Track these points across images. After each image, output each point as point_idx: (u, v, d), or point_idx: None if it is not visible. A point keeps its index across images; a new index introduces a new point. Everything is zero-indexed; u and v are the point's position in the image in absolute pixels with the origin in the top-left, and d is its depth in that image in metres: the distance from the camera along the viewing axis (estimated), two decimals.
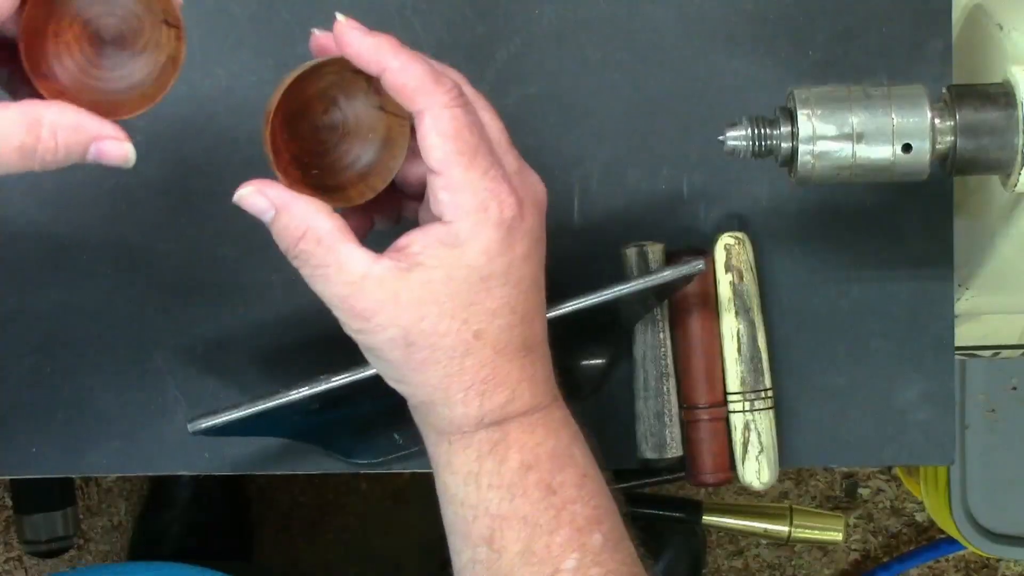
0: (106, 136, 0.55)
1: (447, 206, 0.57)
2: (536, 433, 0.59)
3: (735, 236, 0.72)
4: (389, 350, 0.58)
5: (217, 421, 0.66)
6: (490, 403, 0.58)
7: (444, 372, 0.58)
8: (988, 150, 0.61)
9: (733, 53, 0.73)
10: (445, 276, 0.57)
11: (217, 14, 0.72)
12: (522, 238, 0.58)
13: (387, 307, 0.57)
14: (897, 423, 0.74)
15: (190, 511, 1.46)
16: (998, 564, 1.62)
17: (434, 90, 0.57)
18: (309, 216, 0.57)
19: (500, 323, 0.58)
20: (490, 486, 0.59)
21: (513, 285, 0.58)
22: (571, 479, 0.59)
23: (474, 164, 0.57)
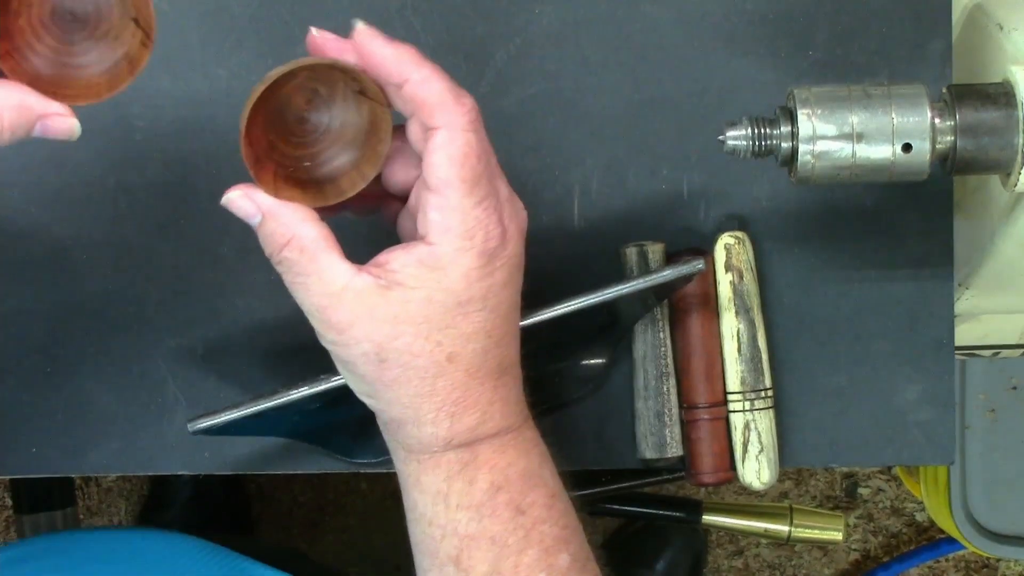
0: (51, 113, 0.55)
1: (435, 226, 0.57)
2: (507, 454, 0.59)
3: (735, 236, 0.72)
4: (361, 364, 0.58)
5: (217, 421, 0.66)
6: (460, 425, 0.59)
7: (415, 392, 0.58)
8: (988, 150, 0.61)
9: (733, 53, 0.73)
10: (424, 297, 0.57)
11: (217, 14, 0.72)
12: (503, 265, 0.58)
13: (363, 321, 0.57)
14: (897, 423, 0.74)
15: (190, 511, 1.46)
16: (998, 564, 1.62)
17: (454, 109, 0.56)
18: (295, 224, 0.57)
19: (475, 347, 0.58)
20: (459, 506, 0.59)
21: (491, 310, 0.58)
22: (540, 499, 0.60)
23: (473, 192, 0.57)
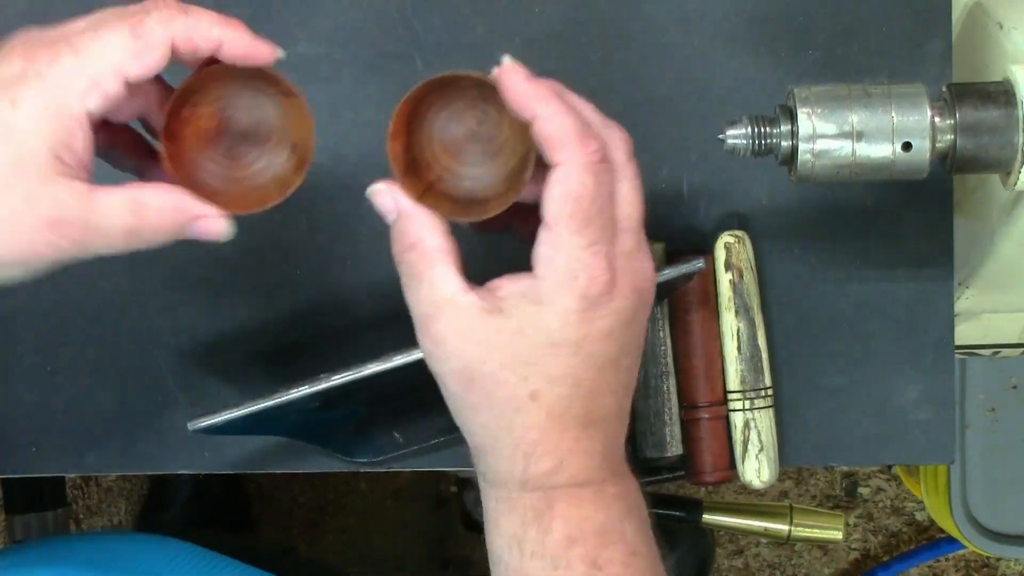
0: (204, 215, 0.57)
1: (542, 260, 0.56)
2: (583, 508, 0.58)
3: (735, 235, 0.72)
4: (451, 381, 0.58)
5: (217, 421, 0.66)
6: (535, 468, 0.57)
7: (495, 423, 0.57)
8: (988, 149, 0.61)
9: (733, 53, 0.73)
10: (517, 328, 0.57)
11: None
12: (606, 316, 0.57)
13: (457, 338, 0.57)
14: (897, 423, 0.74)
15: (190, 511, 1.46)
16: (998, 564, 1.62)
17: (576, 148, 0.56)
18: (423, 228, 0.58)
19: (559, 392, 0.57)
20: (533, 554, 0.57)
21: (583, 358, 0.57)
22: (618, 556, 0.58)
23: (582, 232, 0.56)
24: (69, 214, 0.55)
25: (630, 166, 0.59)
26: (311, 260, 0.73)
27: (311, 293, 0.73)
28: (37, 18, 0.72)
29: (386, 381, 0.67)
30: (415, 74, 0.72)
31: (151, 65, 0.55)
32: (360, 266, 0.73)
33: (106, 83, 0.55)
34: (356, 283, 0.73)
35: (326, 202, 0.72)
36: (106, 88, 0.55)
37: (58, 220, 0.55)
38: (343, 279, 0.73)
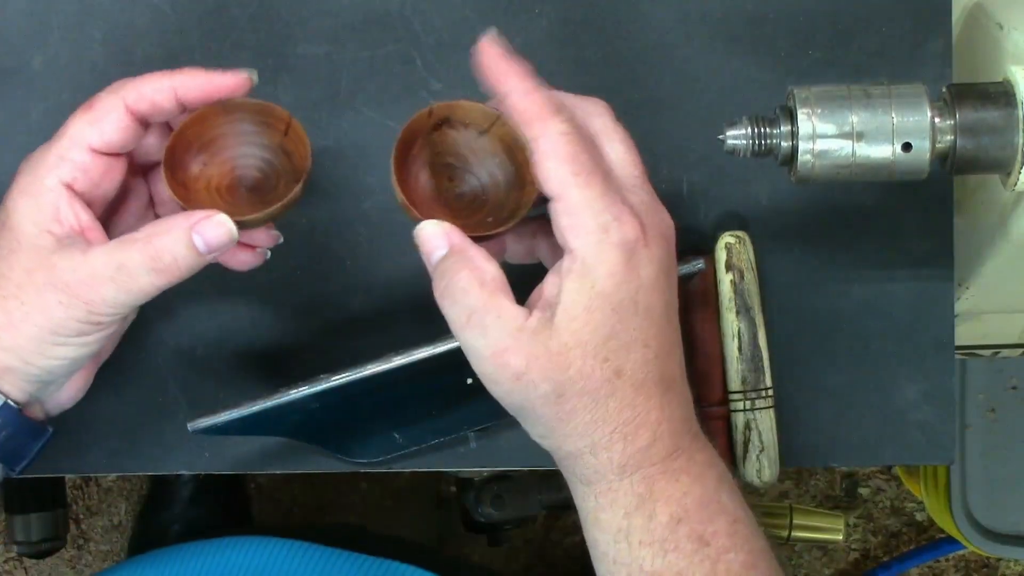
0: (197, 219, 0.59)
1: (569, 231, 0.56)
2: (681, 482, 0.58)
3: (736, 235, 0.72)
4: (540, 406, 0.57)
5: (217, 421, 0.66)
6: (632, 446, 0.57)
7: (590, 419, 0.57)
8: (988, 149, 0.61)
9: (733, 53, 0.73)
10: (584, 310, 0.56)
11: (217, 14, 0.72)
12: (647, 264, 0.56)
13: (539, 361, 0.56)
14: (897, 423, 0.74)
15: (190, 511, 1.46)
16: (998, 564, 1.62)
17: (549, 118, 0.57)
18: (480, 259, 0.57)
19: (635, 358, 0.57)
20: (641, 543, 0.57)
21: (643, 316, 0.57)
22: (722, 528, 0.58)
23: (590, 184, 0.56)
24: (65, 274, 0.59)
25: (617, 129, 0.59)
26: (311, 260, 0.73)
27: (311, 293, 0.73)
28: (37, 18, 0.72)
29: (386, 381, 0.67)
30: (415, 74, 0.72)
31: (109, 129, 0.59)
32: (360, 266, 0.73)
33: (71, 154, 0.59)
34: (356, 283, 0.73)
35: (326, 202, 0.72)
36: (73, 158, 0.59)
37: (57, 284, 0.59)
38: (343, 279, 0.73)
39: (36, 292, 0.59)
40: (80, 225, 0.60)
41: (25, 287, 0.59)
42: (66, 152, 0.59)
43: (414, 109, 0.70)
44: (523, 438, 0.73)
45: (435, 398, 0.70)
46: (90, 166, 0.59)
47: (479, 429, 0.73)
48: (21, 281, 0.59)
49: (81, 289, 0.58)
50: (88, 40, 0.72)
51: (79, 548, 1.58)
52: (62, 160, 0.59)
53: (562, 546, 1.57)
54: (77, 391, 0.65)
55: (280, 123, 0.62)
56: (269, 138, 0.62)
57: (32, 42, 0.72)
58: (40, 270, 0.59)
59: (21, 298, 0.59)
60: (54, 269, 0.58)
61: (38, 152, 0.61)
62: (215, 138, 0.62)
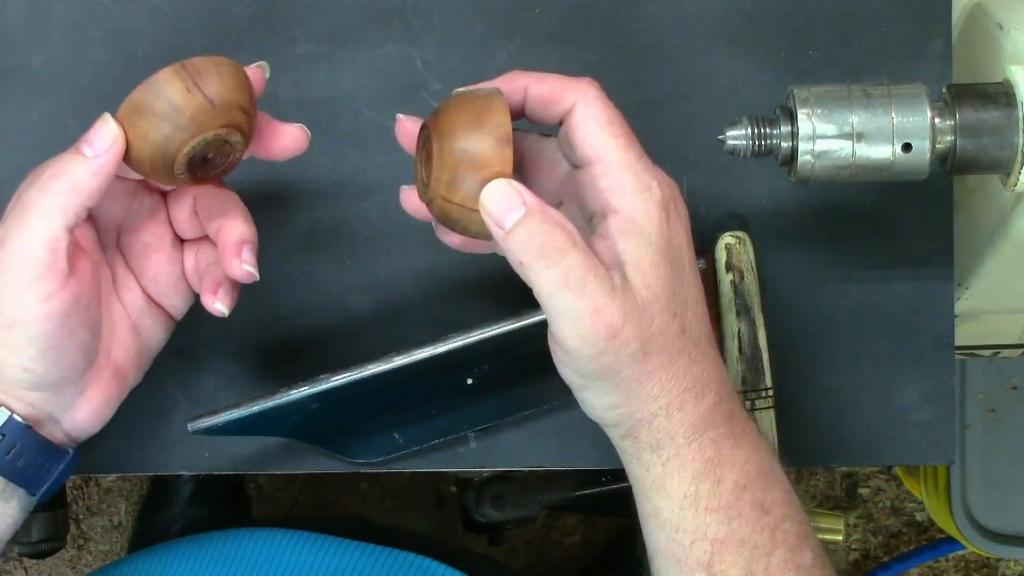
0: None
1: (611, 192, 0.56)
2: (743, 448, 0.58)
3: (736, 236, 0.72)
4: (628, 366, 0.56)
5: (217, 421, 0.66)
6: (703, 404, 0.57)
7: (666, 376, 0.57)
8: (988, 149, 0.61)
9: (733, 53, 0.73)
10: (650, 265, 0.55)
11: (217, 14, 0.72)
12: (679, 222, 0.57)
13: (631, 317, 0.55)
14: (897, 423, 0.74)
15: (190, 510, 1.47)
16: (998, 564, 1.62)
17: (577, 85, 0.58)
18: (563, 219, 0.55)
19: (693, 312, 0.57)
20: (708, 509, 0.57)
21: (687, 272, 0.57)
22: (779, 496, 0.59)
23: (629, 147, 0.57)
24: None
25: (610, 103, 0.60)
26: (311, 260, 0.73)
27: (311, 293, 0.73)
28: (37, 18, 0.72)
29: (386, 382, 0.67)
30: (415, 74, 0.72)
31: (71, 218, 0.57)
32: (360, 266, 0.73)
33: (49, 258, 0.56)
34: (356, 283, 0.73)
35: (326, 202, 0.72)
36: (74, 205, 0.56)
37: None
38: (343, 279, 0.73)
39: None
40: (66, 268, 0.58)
41: None
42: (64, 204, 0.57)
43: (414, 109, 0.70)
44: (523, 438, 0.73)
45: (435, 398, 0.70)
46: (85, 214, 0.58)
47: (479, 429, 0.73)
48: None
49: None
50: (88, 40, 0.72)
51: (79, 548, 1.58)
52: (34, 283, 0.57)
53: (562, 546, 1.57)
54: (96, 409, 0.62)
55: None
56: None
57: (32, 42, 0.72)
58: None
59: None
60: None
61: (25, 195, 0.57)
62: None
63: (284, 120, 0.61)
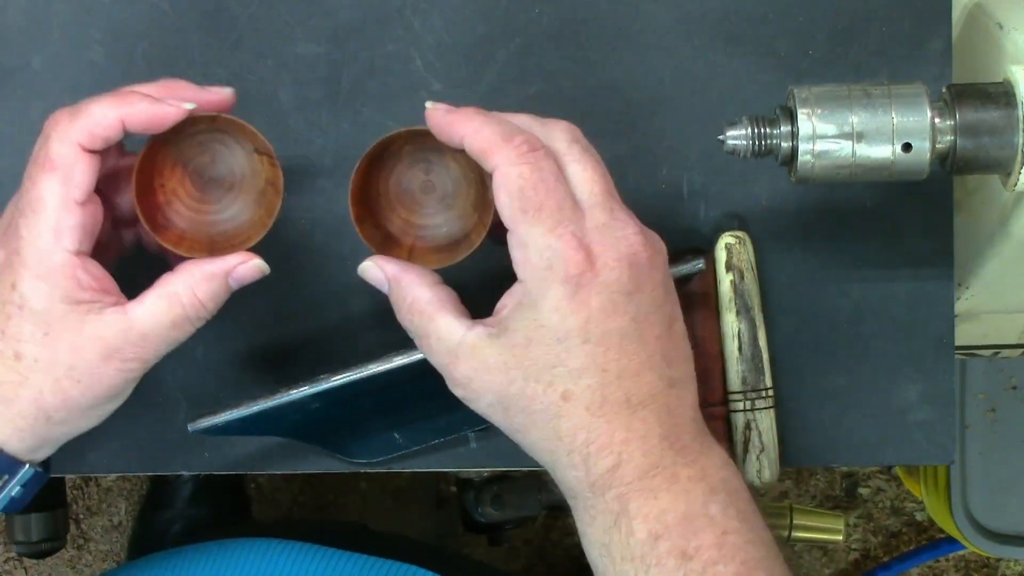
0: (233, 265, 0.61)
1: (518, 265, 0.58)
2: (660, 499, 0.57)
3: (736, 235, 0.72)
4: (492, 415, 0.59)
5: (217, 421, 0.66)
6: (597, 468, 0.57)
7: (543, 435, 0.58)
8: (988, 149, 0.61)
9: (733, 53, 0.73)
10: (524, 339, 0.57)
11: (217, 14, 0.72)
12: (597, 293, 0.57)
13: (480, 374, 0.58)
14: (897, 423, 0.74)
15: (190, 510, 1.46)
16: (998, 564, 1.62)
17: (502, 148, 0.57)
18: (413, 288, 0.61)
19: (589, 383, 0.57)
20: (623, 558, 0.57)
21: (595, 343, 0.57)
22: (708, 541, 0.57)
23: (538, 220, 0.57)
24: (115, 342, 0.60)
25: (575, 148, 0.60)
26: (311, 260, 0.72)
27: (311, 293, 0.73)
28: (37, 18, 0.72)
29: (386, 381, 0.67)
30: (415, 74, 0.72)
31: (82, 180, 0.58)
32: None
33: (64, 220, 0.58)
34: (356, 283, 0.72)
35: (326, 202, 0.72)
36: (68, 223, 0.58)
37: (109, 352, 0.59)
38: (342, 279, 0.72)
39: (90, 367, 0.59)
40: (99, 284, 0.60)
41: (76, 366, 0.59)
42: (58, 222, 0.58)
43: (414, 109, 0.70)
44: None
45: (435, 398, 0.70)
46: (83, 222, 0.59)
47: (479, 429, 0.73)
48: (71, 363, 0.59)
49: (136, 351, 0.60)
50: (88, 40, 0.72)
51: (79, 548, 1.58)
52: (59, 232, 0.58)
53: (562, 546, 1.57)
54: None
55: (203, 120, 0.62)
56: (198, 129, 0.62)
57: (32, 42, 0.72)
58: (87, 345, 0.59)
59: (76, 376, 0.59)
60: (103, 341, 0.59)
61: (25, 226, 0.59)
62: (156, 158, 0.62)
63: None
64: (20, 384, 0.59)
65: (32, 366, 0.59)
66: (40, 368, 0.59)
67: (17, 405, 0.59)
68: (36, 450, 0.61)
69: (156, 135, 0.60)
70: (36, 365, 0.59)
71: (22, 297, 0.59)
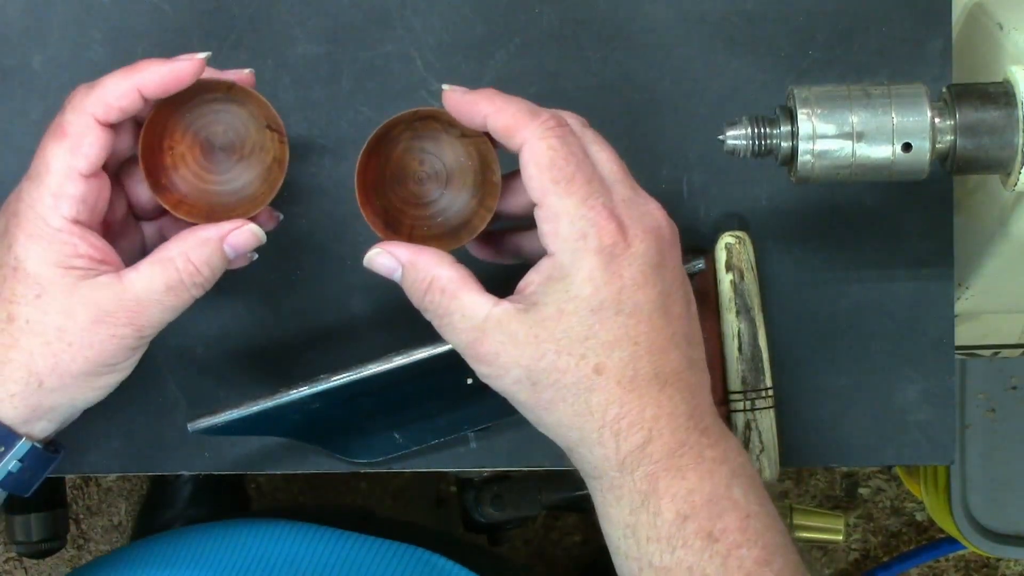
0: (228, 231, 0.61)
1: (549, 237, 0.57)
2: (687, 479, 0.57)
3: (736, 235, 0.72)
4: (517, 392, 0.59)
5: (217, 421, 0.66)
6: (627, 444, 0.57)
7: (573, 411, 0.58)
8: (988, 149, 0.61)
9: (733, 53, 0.73)
10: (556, 311, 0.57)
11: (217, 14, 0.72)
12: (629, 264, 0.57)
13: (507, 348, 0.58)
14: (897, 423, 0.74)
15: (190, 510, 1.46)
16: (998, 564, 1.62)
17: (530, 123, 0.58)
18: (432, 267, 0.59)
19: (621, 355, 0.57)
20: (648, 539, 0.57)
21: (628, 314, 0.57)
22: (733, 524, 0.57)
23: (570, 192, 0.57)
24: (108, 305, 0.59)
25: (588, 132, 0.61)
26: (311, 260, 0.73)
27: (311, 293, 0.73)
28: (37, 18, 0.72)
29: (386, 381, 0.67)
30: (415, 74, 0.72)
31: (91, 152, 0.59)
32: (360, 266, 0.72)
33: (66, 189, 0.58)
34: (356, 283, 0.73)
35: (326, 202, 0.72)
36: (69, 193, 0.59)
37: (101, 315, 0.59)
38: (342, 279, 0.73)
39: (81, 330, 0.59)
40: (98, 254, 0.60)
41: (67, 329, 0.59)
42: (60, 188, 0.58)
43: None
44: (523, 438, 0.73)
45: (435, 398, 0.70)
46: (86, 194, 0.59)
47: (479, 429, 0.73)
48: (62, 324, 0.59)
49: (129, 316, 0.59)
50: (88, 40, 0.72)
51: (79, 548, 1.58)
52: (59, 198, 0.59)
53: (562, 546, 1.57)
54: None
55: (220, 86, 0.62)
56: (214, 97, 0.63)
57: (32, 42, 0.72)
58: (79, 308, 0.59)
59: (67, 339, 0.59)
60: (96, 304, 0.59)
61: (26, 191, 0.59)
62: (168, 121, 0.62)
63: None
64: (11, 347, 0.59)
65: (23, 327, 0.59)
66: (31, 329, 0.59)
67: (8, 368, 0.59)
68: (31, 421, 0.61)
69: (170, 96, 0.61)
70: (27, 327, 0.59)
71: (16, 259, 0.59)
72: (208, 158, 0.63)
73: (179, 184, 0.63)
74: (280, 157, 0.63)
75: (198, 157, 0.63)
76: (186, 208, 0.62)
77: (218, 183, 0.63)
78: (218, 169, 0.63)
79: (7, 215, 0.60)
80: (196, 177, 0.63)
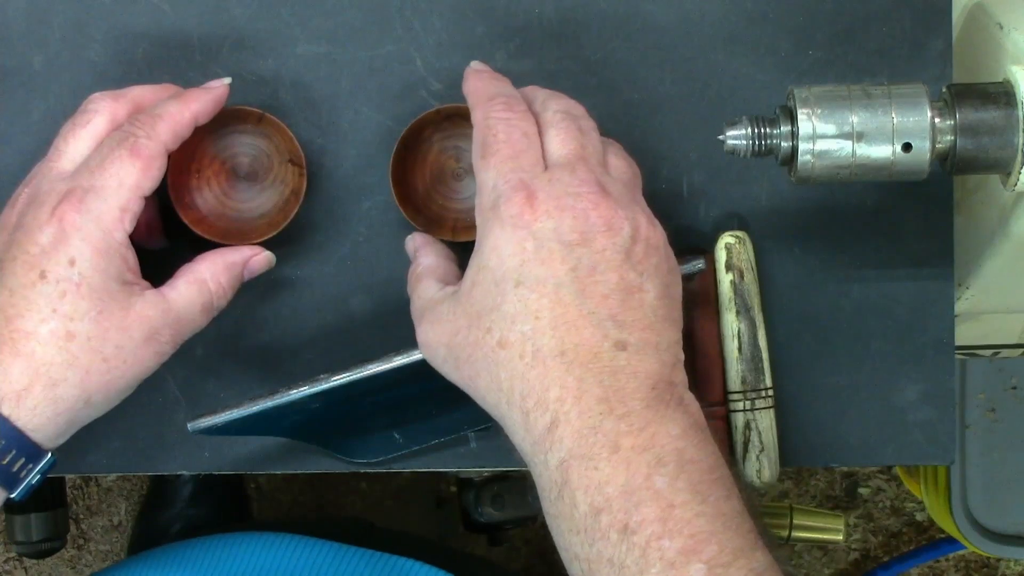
0: (249, 256, 0.66)
1: (475, 211, 0.60)
2: (600, 470, 0.55)
3: (736, 235, 0.72)
4: (450, 372, 0.60)
5: (217, 421, 0.66)
6: (536, 425, 0.56)
7: (488, 386, 0.57)
8: (988, 149, 0.61)
9: (733, 53, 0.73)
10: (470, 284, 0.58)
11: (217, 14, 0.72)
12: (534, 236, 0.56)
13: (435, 328, 0.60)
14: (897, 423, 0.74)
15: (190, 510, 1.46)
16: (998, 564, 1.62)
17: (482, 104, 0.62)
18: (421, 258, 0.65)
19: (521, 329, 0.56)
20: (569, 531, 0.56)
21: (530, 287, 0.56)
22: (652, 515, 0.54)
23: (489, 165, 0.59)
24: (157, 322, 0.62)
25: (558, 116, 0.62)
26: (311, 260, 0.72)
27: (311, 293, 0.73)
28: (37, 18, 0.72)
29: (386, 381, 0.67)
30: (415, 74, 0.72)
31: (158, 176, 0.63)
32: (360, 266, 0.73)
33: (132, 205, 0.62)
34: (356, 283, 0.73)
35: (326, 202, 0.72)
36: (133, 209, 0.62)
37: (151, 332, 0.62)
38: (342, 279, 0.73)
39: (135, 347, 0.61)
40: (138, 269, 0.63)
41: (124, 346, 0.61)
42: (128, 204, 0.61)
43: (414, 109, 0.71)
44: None
45: (435, 398, 0.70)
46: (138, 216, 0.62)
47: (479, 429, 0.73)
48: (120, 341, 0.61)
49: (172, 334, 0.63)
50: (88, 40, 0.72)
51: (79, 548, 1.58)
52: (126, 212, 0.61)
53: None
54: None
55: (252, 116, 0.68)
56: (244, 128, 0.68)
57: (32, 42, 0.72)
58: (135, 325, 0.61)
59: (122, 357, 0.61)
60: (148, 322, 0.62)
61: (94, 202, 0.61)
62: (200, 144, 0.68)
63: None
64: (69, 365, 0.60)
65: (84, 345, 0.60)
66: (91, 347, 0.60)
67: (62, 387, 0.60)
68: (60, 437, 0.62)
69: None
70: (88, 344, 0.60)
71: (81, 274, 0.60)
72: (231, 184, 0.68)
73: (200, 204, 0.68)
74: (297, 189, 0.68)
75: (223, 182, 0.68)
76: (205, 226, 0.67)
77: (237, 207, 0.69)
78: (239, 196, 0.69)
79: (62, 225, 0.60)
80: (217, 200, 0.68)
